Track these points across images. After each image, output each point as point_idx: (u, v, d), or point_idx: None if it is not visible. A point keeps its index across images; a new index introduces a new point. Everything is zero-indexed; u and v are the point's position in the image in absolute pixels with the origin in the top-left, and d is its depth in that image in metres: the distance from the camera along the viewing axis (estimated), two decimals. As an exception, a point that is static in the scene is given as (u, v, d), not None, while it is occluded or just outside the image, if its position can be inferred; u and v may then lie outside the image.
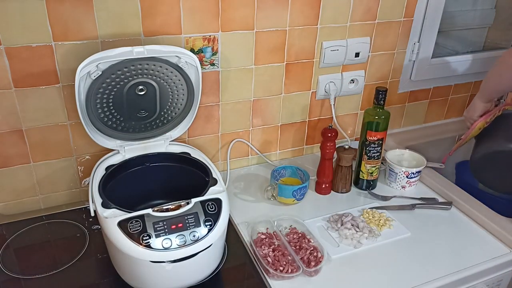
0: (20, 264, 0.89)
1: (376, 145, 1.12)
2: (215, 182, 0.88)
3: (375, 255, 0.95)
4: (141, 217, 0.77)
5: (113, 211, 0.78)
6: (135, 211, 0.78)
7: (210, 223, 0.79)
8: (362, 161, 1.15)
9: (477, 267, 0.93)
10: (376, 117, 1.10)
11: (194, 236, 0.77)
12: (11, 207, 1.03)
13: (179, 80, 0.92)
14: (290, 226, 1.01)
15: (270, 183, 1.11)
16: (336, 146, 1.12)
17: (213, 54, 1.06)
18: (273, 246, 0.93)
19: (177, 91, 0.94)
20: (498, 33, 1.59)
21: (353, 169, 1.17)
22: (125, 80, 0.87)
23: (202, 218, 0.79)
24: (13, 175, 0.99)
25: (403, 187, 1.18)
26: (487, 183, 1.23)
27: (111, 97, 0.88)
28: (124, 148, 0.95)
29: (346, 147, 1.13)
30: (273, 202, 1.11)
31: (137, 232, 0.75)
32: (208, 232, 0.79)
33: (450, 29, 1.51)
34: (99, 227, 0.96)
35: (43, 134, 0.98)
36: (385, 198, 1.14)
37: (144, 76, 0.88)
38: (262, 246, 0.93)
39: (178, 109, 0.97)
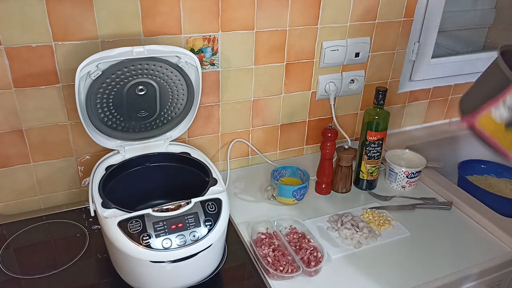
0: (20, 264, 0.89)
1: (376, 145, 1.12)
2: (215, 182, 0.88)
3: (375, 255, 0.95)
4: (141, 217, 0.77)
5: (113, 211, 0.78)
6: (135, 211, 0.78)
7: (210, 223, 0.79)
8: (362, 161, 1.14)
9: (477, 267, 0.93)
10: (376, 117, 1.10)
11: (194, 236, 0.77)
12: (11, 207, 1.03)
13: (179, 80, 0.92)
14: (290, 226, 1.01)
15: (270, 183, 1.11)
16: (336, 146, 1.12)
17: (213, 54, 1.06)
18: (273, 246, 0.93)
19: (177, 91, 0.94)
20: (498, 33, 1.59)
21: (353, 169, 1.17)
22: (125, 80, 0.87)
23: (202, 218, 0.79)
24: (13, 175, 0.99)
25: (403, 187, 1.18)
26: None
27: (111, 97, 0.88)
28: (124, 148, 0.95)
29: (346, 147, 1.13)
30: (273, 202, 1.11)
31: (137, 232, 0.75)
32: (208, 232, 0.79)
33: (450, 29, 1.51)
34: (99, 227, 0.96)
35: (43, 134, 0.98)
36: (385, 198, 1.14)
37: (144, 76, 0.88)
38: (262, 246, 0.92)
39: (178, 109, 0.97)
